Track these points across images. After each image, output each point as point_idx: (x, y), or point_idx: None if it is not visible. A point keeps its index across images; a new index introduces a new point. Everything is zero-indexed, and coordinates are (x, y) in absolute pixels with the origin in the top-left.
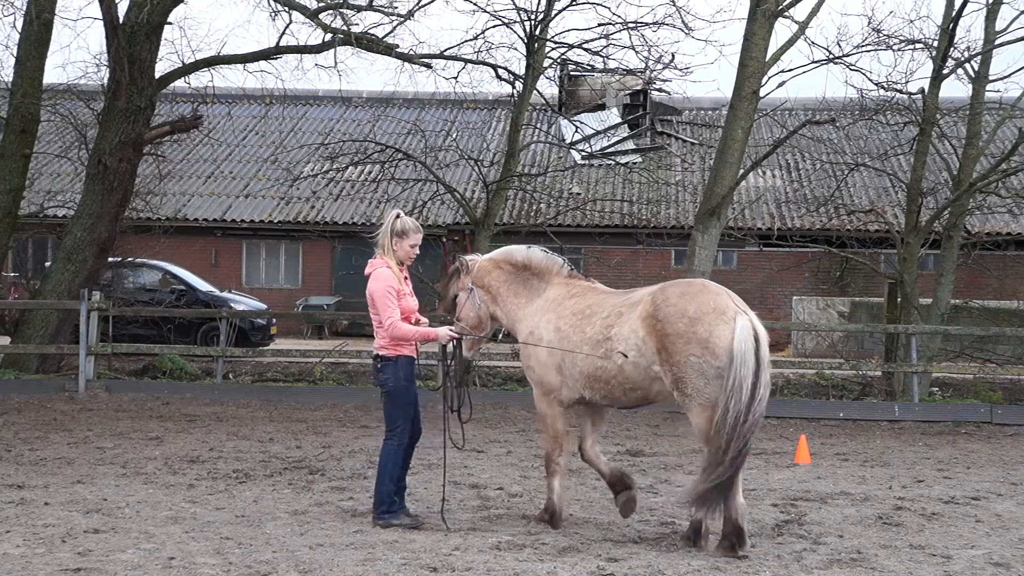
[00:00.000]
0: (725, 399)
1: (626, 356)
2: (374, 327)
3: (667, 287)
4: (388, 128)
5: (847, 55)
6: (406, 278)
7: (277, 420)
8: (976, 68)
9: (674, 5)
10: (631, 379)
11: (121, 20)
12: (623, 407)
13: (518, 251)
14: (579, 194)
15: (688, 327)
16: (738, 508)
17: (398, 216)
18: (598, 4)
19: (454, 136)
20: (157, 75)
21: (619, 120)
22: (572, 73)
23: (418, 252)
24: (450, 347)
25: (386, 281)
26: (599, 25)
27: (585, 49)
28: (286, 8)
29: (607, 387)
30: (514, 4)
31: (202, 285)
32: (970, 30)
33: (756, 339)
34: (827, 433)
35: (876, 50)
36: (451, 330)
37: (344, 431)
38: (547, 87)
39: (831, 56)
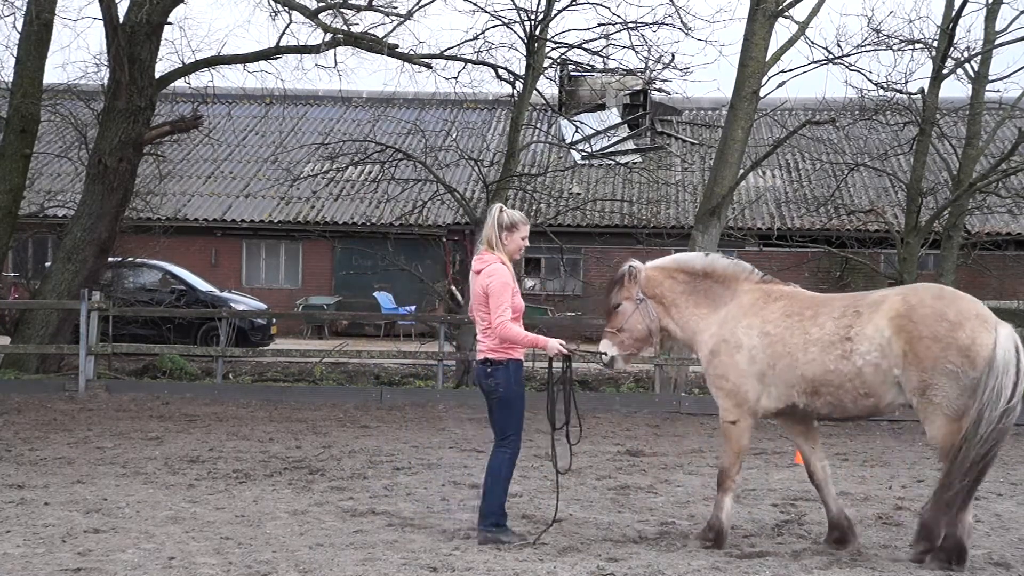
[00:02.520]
0: (979, 409)
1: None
2: (480, 328)
3: (917, 289)
4: (388, 128)
5: (847, 55)
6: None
7: (277, 420)
8: (976, 68)
9: (674, 5)
10: (868, 384)
11: (121, 20)
12: (843, 418)
13: (695, 259)
14: (579, 194)
15: (948, 332)
16: (965, 525)
17: (502, 209)
18: (598, 4)
19: (454, 136)
20: (157, 75)
21: (619, 120)
22: (572, 73)
23: (528, 244)
24: (555, 363)
25: (504, 277)
26: (599, 25)
27: (585, 49)
28: (286, 8)
29: (837, 393)
30: (514, 4)
31: (202, 285)
32: (970, 30)
33: (1017, 350)
34: (827, 433)
35: (876, 50)
36: (561, 344)
37: (344, 431)
38: (547, 87)
39: (831, 56)
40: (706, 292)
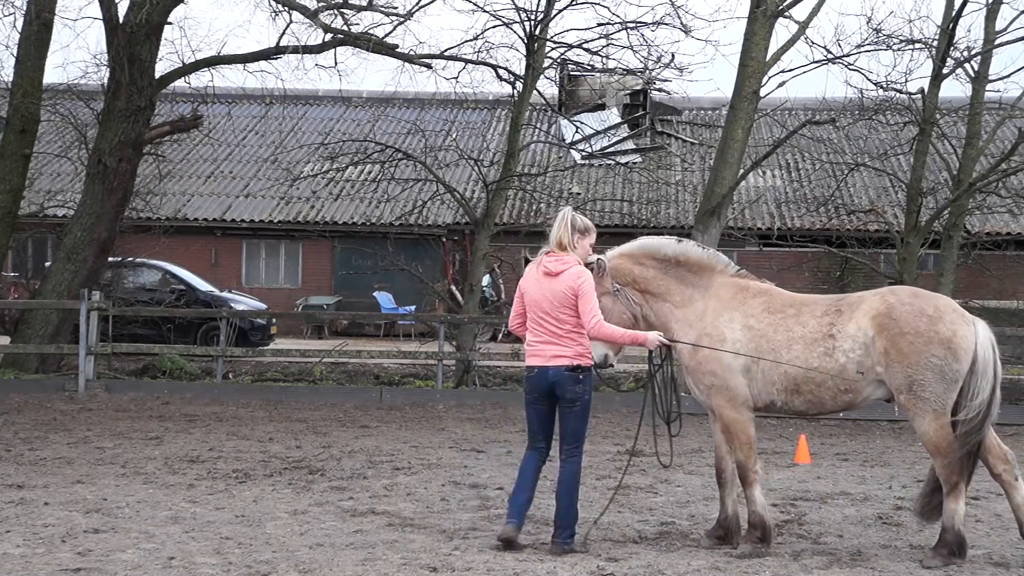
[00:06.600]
0: (964, 409)
1: (862, 374)
2: (554, 332)
3: (894, 290)
4: (388, 128)
5: (847, 55)
6: None
7: (277, 420)
8: (976, 68)
9: (673, 5)
10: (849, 380)
11: (121, 20)
12: (817, 414)
13: (666, 245)
14: (579, 194)
15: (929, 326)
16: (959, 514)
17: (575, 211)
18: (597, 4)
19: (454, 136)
20: (157, 75)
21: (619, 120)
22: (572, 73)
23: (592, 253)
24: (657, 354)
25: (591, 279)
26: (599, 25)
27: (585, 49)
28: (286, 8)
29: (817, 391)
30: (514, 4)
31: (202, 285)
32: (970, 30)
33: (993, 346)
34: (827, 433)
35: (876, 50)
36: (660, 336)
37: (344, 431)
38: (547, 87)
39: (831, 56)
40: (679, 280)
